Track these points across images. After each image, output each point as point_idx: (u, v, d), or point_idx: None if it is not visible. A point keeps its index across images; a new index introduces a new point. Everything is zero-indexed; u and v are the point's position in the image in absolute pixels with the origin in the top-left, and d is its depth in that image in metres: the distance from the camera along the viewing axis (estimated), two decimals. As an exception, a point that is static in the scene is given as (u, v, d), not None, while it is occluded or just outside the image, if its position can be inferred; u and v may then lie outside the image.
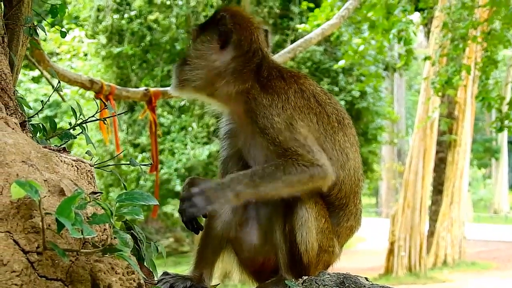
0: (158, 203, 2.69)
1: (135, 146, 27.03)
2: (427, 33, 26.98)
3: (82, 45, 29.61)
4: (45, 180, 2.66)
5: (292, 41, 22.17)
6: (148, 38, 27.89)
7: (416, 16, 21.88)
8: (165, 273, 3.90)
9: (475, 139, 49.15)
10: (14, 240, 2.39)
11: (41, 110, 4.11)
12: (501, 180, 61.37)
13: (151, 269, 3.46)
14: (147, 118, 12.27)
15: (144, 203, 2.57)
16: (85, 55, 30.01)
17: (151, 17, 27.96)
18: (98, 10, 28.38)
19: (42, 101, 4.07)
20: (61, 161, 3.01)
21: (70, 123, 3.92)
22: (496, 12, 15.32)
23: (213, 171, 24.55)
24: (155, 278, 3.61)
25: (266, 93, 3.85)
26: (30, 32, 3.97)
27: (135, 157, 24.77)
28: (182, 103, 27.21)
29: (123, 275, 2.66)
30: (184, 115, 27.31)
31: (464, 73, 17.89)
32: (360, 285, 3.45)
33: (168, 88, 12.64)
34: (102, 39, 27.97)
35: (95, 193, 2.88)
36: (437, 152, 27.17)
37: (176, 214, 25.31)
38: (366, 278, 3.58)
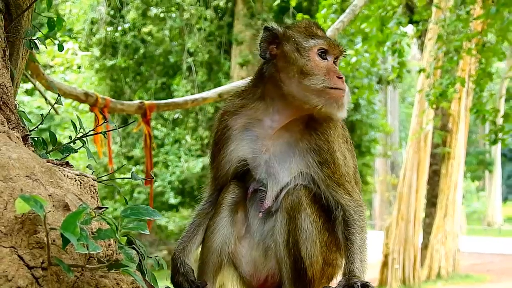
0: (162, 217, 2.68)
1: (129, 158, 27.00)
2: (421, 46, 27.01)
3: (75, 58, 29.60)
4: (49, 195, 2.63)
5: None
6: (141, 50, 27.93)
7: (410, 29, 21.96)
8: (167, 288, 3.87)
9: (468, 152, 49.24)
10: (18, 256, 2.37)
11: (41, 123, 4.07)
12: (494, 193, 61.46)
13: (152, 284, 3.43)
14: (141, 131, 12.21)
15: (149, 218, 2.54)
16: (79, 67, 30.00)
17: (145, 29, 28.01)
18: (92, 22, 28.42)
19: (42, 115, 4.03)
20: (65, 175, 2.98)
21: (70, 137, 3.88)
22: (490, 25, 15.36)
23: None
24: (157, 293, 3.58)
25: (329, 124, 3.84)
26: (30, 45, 3.93)
27: (128, 170, 24.74)
28: (176, 115, 27.23)
29: (128, 290, 2.64)
30: (178, 128, 27.32)
31: (459, 86, 17.90)
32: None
33: (162, 101, 12.64)
34: (96, 51, 27.99)
35: (100, 208, 2.85)
36: (431, 165, 27.12)
37: (170, 227, 25.27)
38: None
